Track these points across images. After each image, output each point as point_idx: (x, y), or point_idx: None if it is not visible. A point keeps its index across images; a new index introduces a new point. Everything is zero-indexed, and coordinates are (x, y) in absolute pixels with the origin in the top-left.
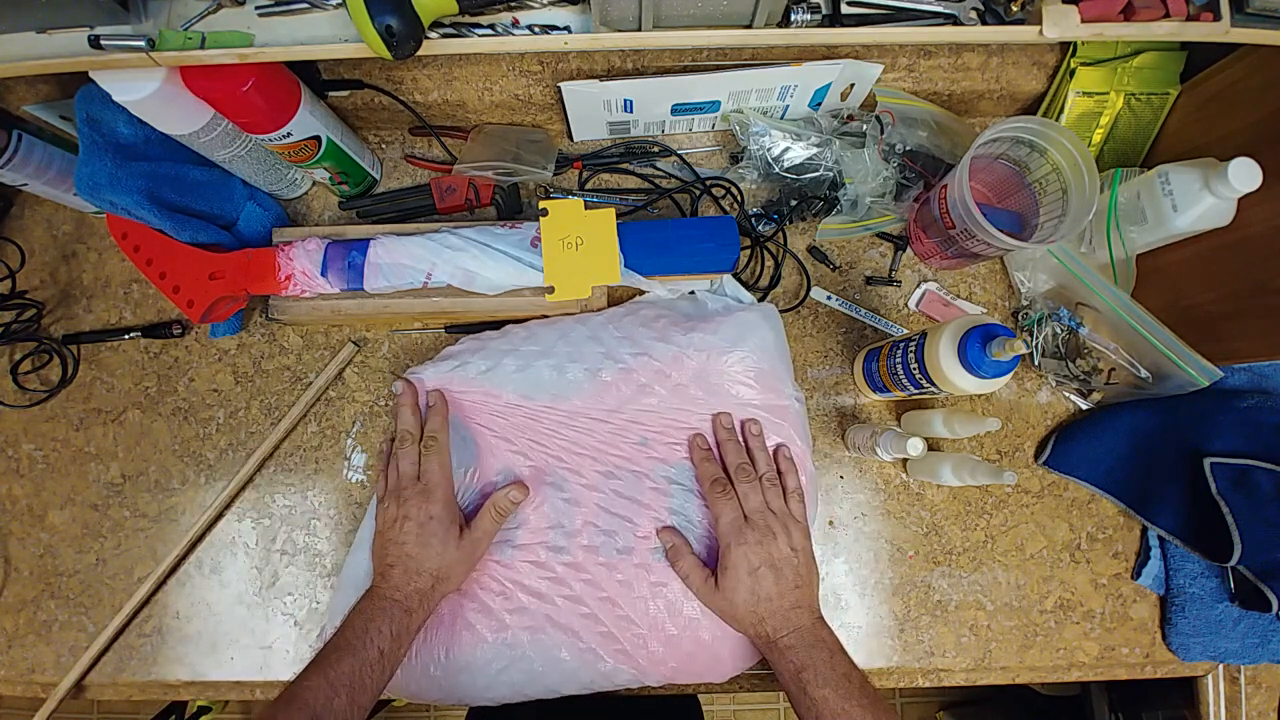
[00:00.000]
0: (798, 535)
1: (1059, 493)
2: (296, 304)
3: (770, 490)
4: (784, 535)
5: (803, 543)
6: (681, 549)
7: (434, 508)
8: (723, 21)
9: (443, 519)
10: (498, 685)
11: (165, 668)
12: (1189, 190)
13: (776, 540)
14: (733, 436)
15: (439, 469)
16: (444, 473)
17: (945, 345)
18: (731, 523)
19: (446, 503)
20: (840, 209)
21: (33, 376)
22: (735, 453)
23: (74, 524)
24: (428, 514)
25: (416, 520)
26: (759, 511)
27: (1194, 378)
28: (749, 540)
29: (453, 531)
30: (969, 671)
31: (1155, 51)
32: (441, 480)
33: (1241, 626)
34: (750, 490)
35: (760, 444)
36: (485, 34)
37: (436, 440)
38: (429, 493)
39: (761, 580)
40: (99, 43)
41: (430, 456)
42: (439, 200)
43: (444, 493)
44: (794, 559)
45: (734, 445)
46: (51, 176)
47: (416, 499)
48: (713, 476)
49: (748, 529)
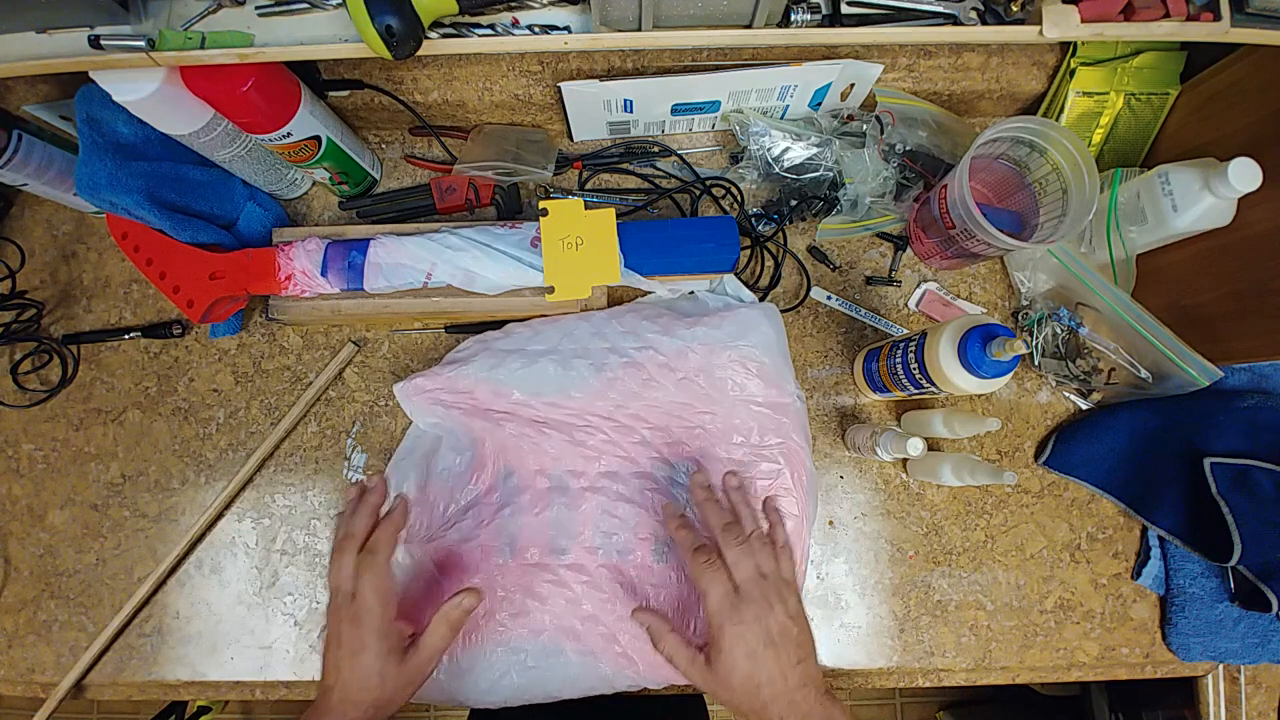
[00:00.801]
0: (793, 600)
1: (1059, 493)
2: (296, 304)
3: (762, 552)
4: (780, 604)
5: (798, 607)
6: (661, 630)
7: (367, 637)
8: (723, 21)
9: (377, 650)
10: (499, 688)
11: (165, 668)
12: (1189, 190)
13: (773, 611)
14: (711, 495)
15: (372, 592)
16: (378, 596)
17: (945, 345)
18: (723, 598)
19: (381, 632)
20: (840, 209)
21: (33, 376)
22: (718, 514)
23: (74, 524)
24: (360, 643)
25: (349, 649)
26: (751, 580)
27: (1194, 378)
28: (745, 618)
29: (390, 660)
30: (969, 671)
31: (1155, 51)
32: (375, 605)
33: (1241, 626)
34: (741, 556)
35: (742, 497)
36: (485, 34)
37: (374, 557)
38: (359, 620)
39: (762, 663)
40: (99, 43)
41: (364, 577)
42: (439, 200)
43: (376, 620)
44: (792, 629)
45: (714, 506)
46: (51, 176)
47: (349, 624)
48: (694, 545)
49: (742, 604)
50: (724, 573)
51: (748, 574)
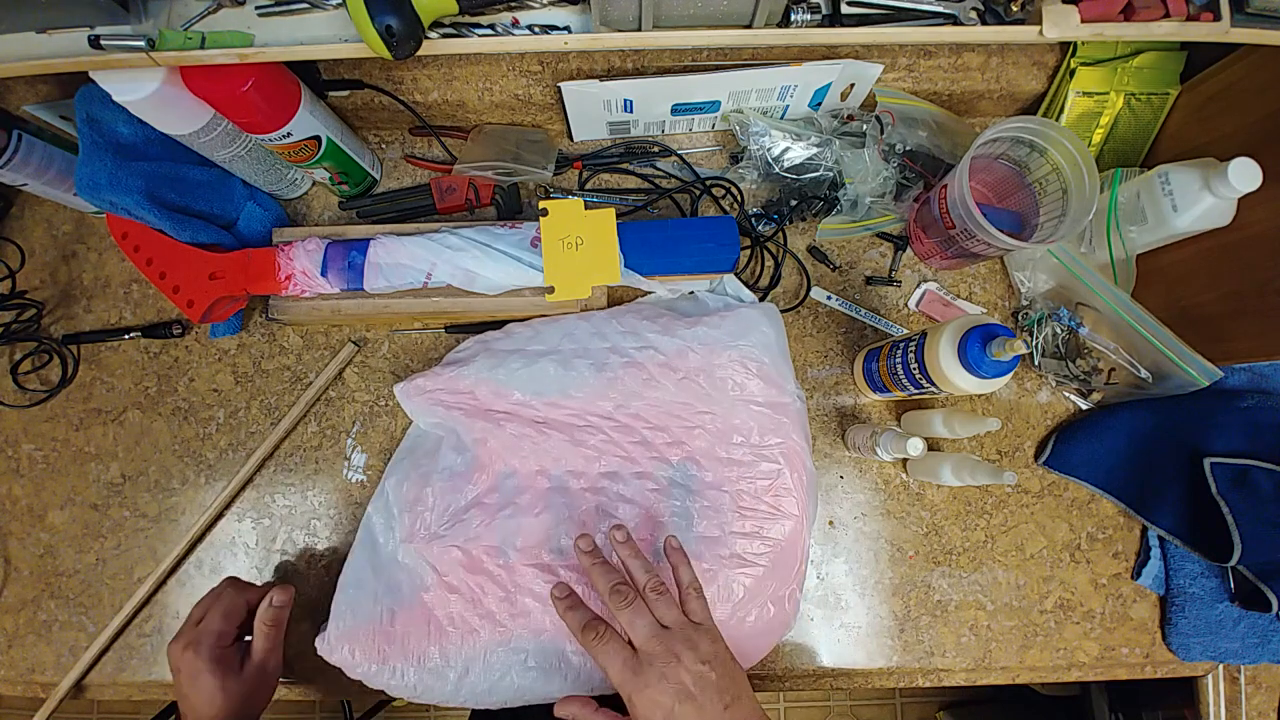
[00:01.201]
0: (705, 642)
1: (1059, 493)
2: (296, 304)
3: (658, 604)
4: (689, 651)
5: (712, 646)
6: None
7: (200, 661)
8: (723, 21)
9: (210, 670)
10: (499, 688)
11: (165, 668)
12: (1189, 190)
13: (681, 662)
14: (597, 558)
15: (215, 617)
16: (220, 618)
17: (945, 345)
18: (622, 668)
19: (213, 653)
20: (840, 209)
21: (33, 376)
22: (604, 575)
23: (74, 524)
24: (196, 668)
25: (188, 674)
26: (650, 638)
27: (1194, 378)
28: (650, 680)
29: (229, 675)
30: (969, 671)
31: (1155, 51)
32: (213, 628)
33: (1241, 626)
34: (633, 616)
35: (632, 550)
36: (485, 34)
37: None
38: (197, 645)
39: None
40: (99, 43)
41: (211, 606)
42: (439, 200)
43: (210, 642)
44: (710, 675)
45: (599, 569)
46: (51, 176)
47: (191, 650)
48: (581, 624)
49: (644, 667)
50: (616, 642)
51: (644, 633)
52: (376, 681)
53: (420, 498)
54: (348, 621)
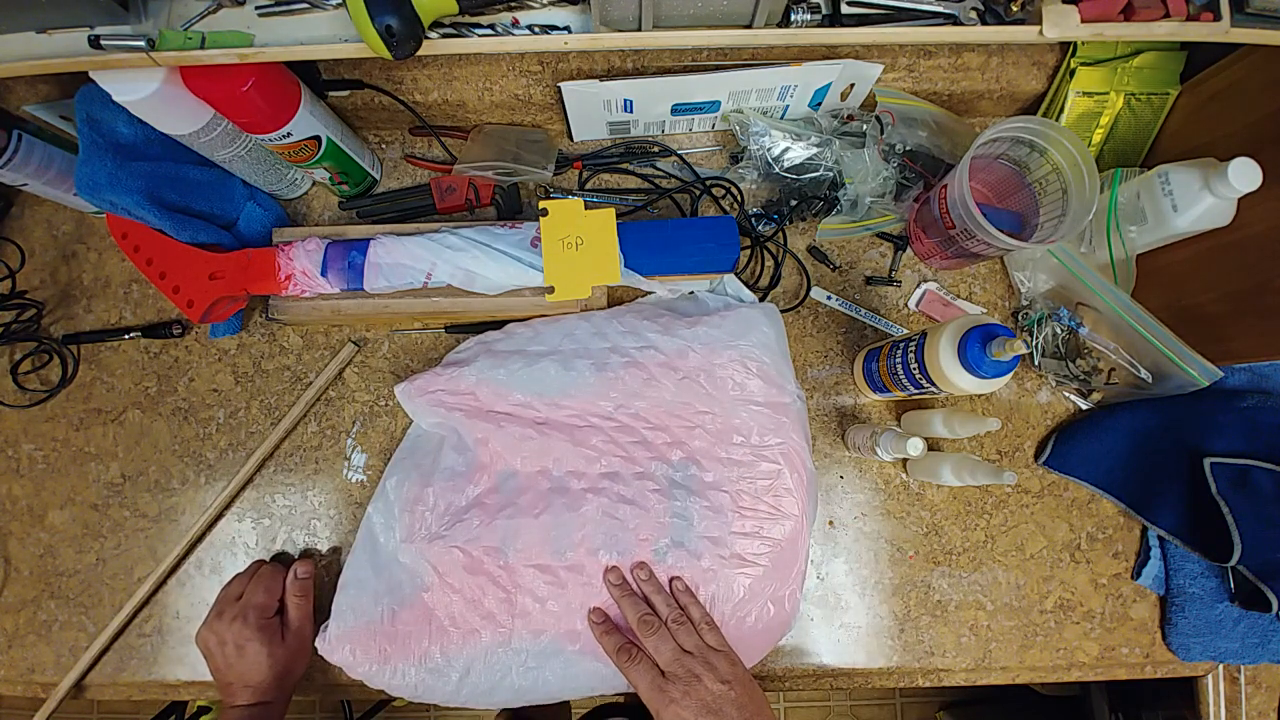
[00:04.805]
0: (724, 665)
1: (1059, 493)
2: (296, 304)
3: (680, 631)
4: (709, 672)
5: (731, 669)
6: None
7: (247, 631)
8: (723, 21)
9: (258, 639)
10: (500, 688)
11: (165, 668)
12: (1189, 190)
13: (703, 681)
14: (626, 590)
15: (261, 592)
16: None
17: (945, 345)
18: (651, 684)
19: (259, 626)
20: (840, 209)
21: (33, 376)
22: (633, 607)
23: (74, 524)
24: (244, 638)
25: (234, 645)
26: (674, 660)
27: (1194, 378)
28: (675, 696)
29: (274, 644)
30: (969, 671)
31: (1155, 51)
32: (258, 602)
33: (1241, 626)
34: (659, 641)
35: (655, 586)
36: (485, 34)
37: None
38: (245, 618)
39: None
40: (99, 43)
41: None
42: (439, 200)
43: (255, 617)
44: (730, 693)
45: (630, 600)
46: (51, 176)
47: (239, 623)
48: (616, 647)
49: (669, 684)
50: (646, 663)
51: (669, 655)
52: (377, 681)
53: (421, 498)
54: (348, 621)
